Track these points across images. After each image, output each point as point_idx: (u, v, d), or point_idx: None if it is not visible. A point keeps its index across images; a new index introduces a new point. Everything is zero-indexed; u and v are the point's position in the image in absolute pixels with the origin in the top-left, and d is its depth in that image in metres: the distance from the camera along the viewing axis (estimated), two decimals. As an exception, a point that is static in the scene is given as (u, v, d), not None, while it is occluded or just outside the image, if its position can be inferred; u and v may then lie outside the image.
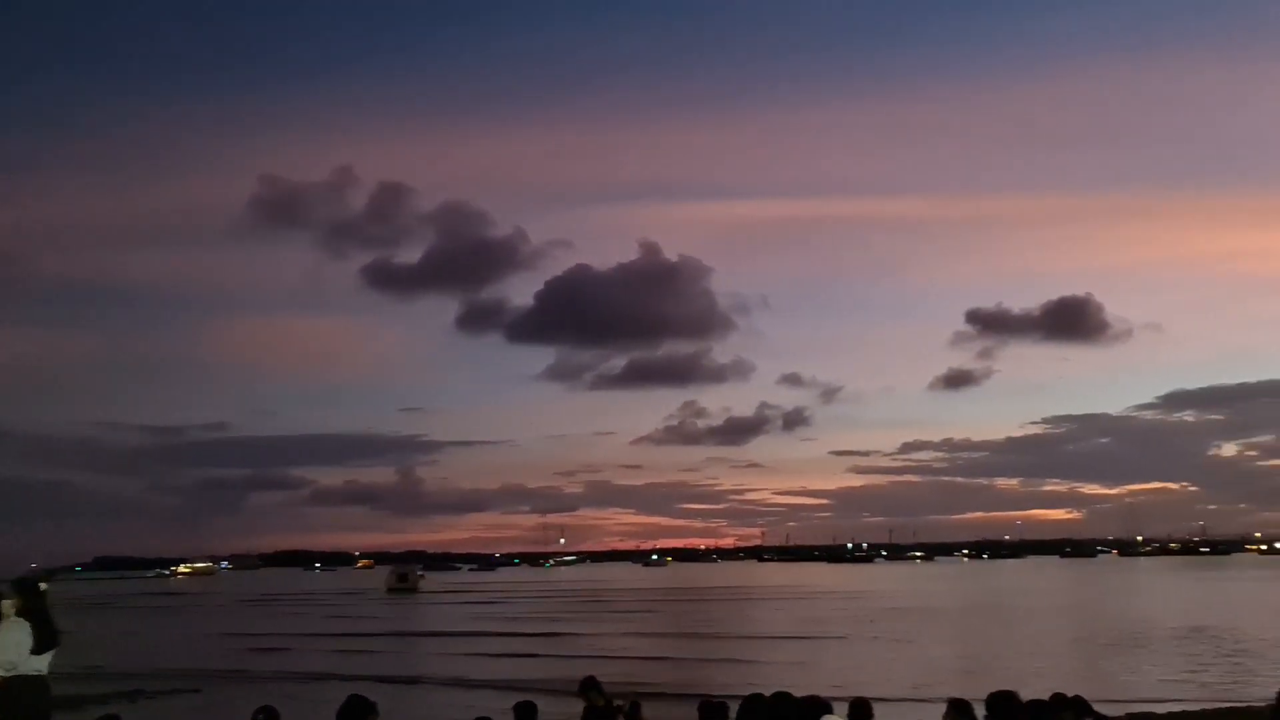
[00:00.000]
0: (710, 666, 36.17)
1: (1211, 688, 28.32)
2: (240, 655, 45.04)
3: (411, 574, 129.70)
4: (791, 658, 38.44)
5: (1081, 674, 31.24)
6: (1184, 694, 26.87)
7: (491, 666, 38.36)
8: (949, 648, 42.21)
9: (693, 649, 43.95)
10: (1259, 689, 25.90)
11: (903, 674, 32.30)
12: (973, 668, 32.95)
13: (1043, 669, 31.77)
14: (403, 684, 32.51)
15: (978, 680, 26.38)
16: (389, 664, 40.20)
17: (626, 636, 50.99)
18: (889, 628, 53.10)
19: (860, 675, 30.71)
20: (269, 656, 44.55)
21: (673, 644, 46.38)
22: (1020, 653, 38.97)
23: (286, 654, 45.79)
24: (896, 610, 68.29)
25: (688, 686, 25.66)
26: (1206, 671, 32.46)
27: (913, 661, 36.51)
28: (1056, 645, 42.48)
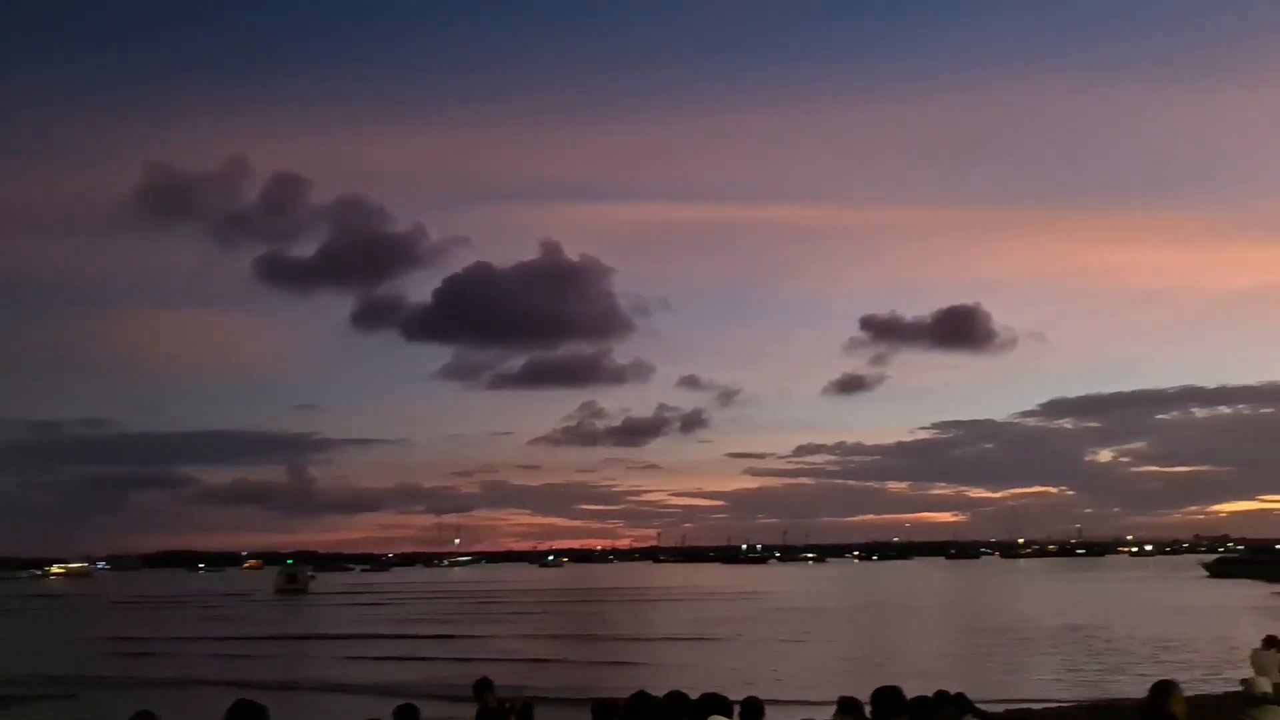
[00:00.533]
0: (604, 669, 35.96)
1: (1085, 685, 29.35)
2: (115, 660, 43.06)
3: (301, 575, 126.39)
4: (684, 659, 38.52)
5: (964, 672, 32.03)
6: (1060, 691, 27.80)
7: (380, 670, 37.45)
8: (839, 647, 42.96)
9: (587, 651, 43.66)
10: (1129, 686, 26.95)
11: (794, 674, 32.68)
12: (862, 667, 33.50)
13: (927, 667, 32.49)
14: (283, 690, 31.36)
15: (867, 679, 26.68)
16: (272, 668, 38.78)
17: (520, 638, 50.49)
18: (781, 628, 53.78)
19: (752, 675, 30.91)
20: (145, 661, 42.68)
21: (567, 646, 46.05)
22: (906, 651, 39.88)
23: (164, 659, 43.89)
24: (789, 610, 69.30)
25: (581, 690, 25.42)
26: (1081, 669, 33.66)
27: (804, 661, 37.01)
28: (941, 644, 43.60)
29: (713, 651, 41.56)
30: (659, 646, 44.71)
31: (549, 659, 39.32)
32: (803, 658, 38.56)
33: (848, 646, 43.45)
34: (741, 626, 55.18)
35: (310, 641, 52.61)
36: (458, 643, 48.28)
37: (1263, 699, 10.17)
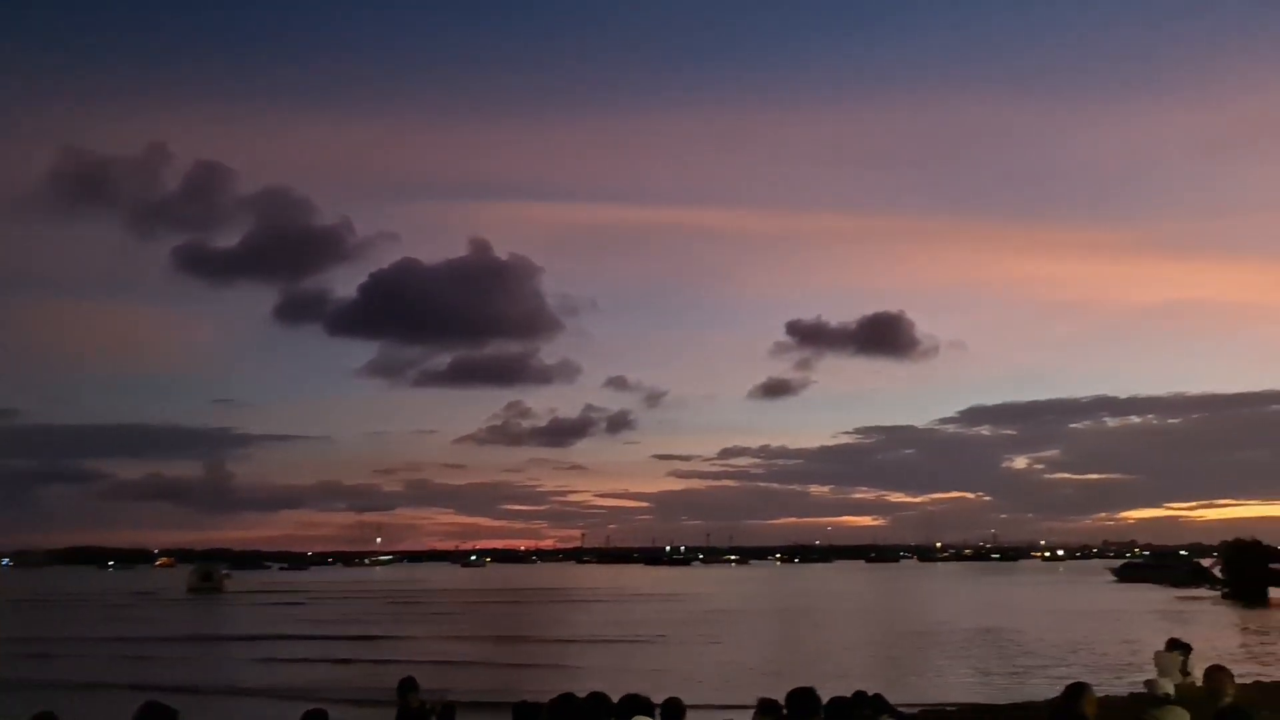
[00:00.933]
0: (525, 671, 35.63)
1: (998, 686, 29.95)
2: (9, 661, 41.29)
3: (216, 573, 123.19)
4: (606, 661, 38.42)
5: (882, 673, 32.49)
6: (974, 692, 28.31)
7: (295, 673, 36.47)
8: (760, 648, 43.25)
9: (508, 653, 43.33)
10: (1040, 687, 27.61)
11: (715, 675, 32.79)
12: (781, 668, 33.76)
13: (846, 668, 32.90)
14: (190, 694, 30.30)
15: (787, 680, 26.91)
16: (179, 671, 37.47)
17: (441, 640, 49.76)
18: (703, 630, 54.01)
19: (673, 677, 30.95)
20: (43, 663, 40.99)
21: (488, 648, 45.57)
22: (826, 653, 40.30)
23: (63, 660, 42.23)
24: (710, 612, 69.66)
25: (501, 693, 25.10)
26: (994, 671, 34.37)
27: (725, 663, 37.13)
28: (859, 646, 44.18)
29: (634, 653, 41.52)
30: (581, 649, 44.56)
31: (470, 661, 38.84)
32: (724, 659, 38.69)
33: (768, 648, 43.79)
34: (664, 628, 55.25)
35: (222, 643, 51.08)
36: (376, 644, 47.40)
37: (1165, 699, 10.45)
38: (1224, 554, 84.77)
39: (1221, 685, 9.75)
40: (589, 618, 66.84)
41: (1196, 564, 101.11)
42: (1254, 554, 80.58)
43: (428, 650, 43.34)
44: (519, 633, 54.73)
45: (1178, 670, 18.81)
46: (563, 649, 44.51)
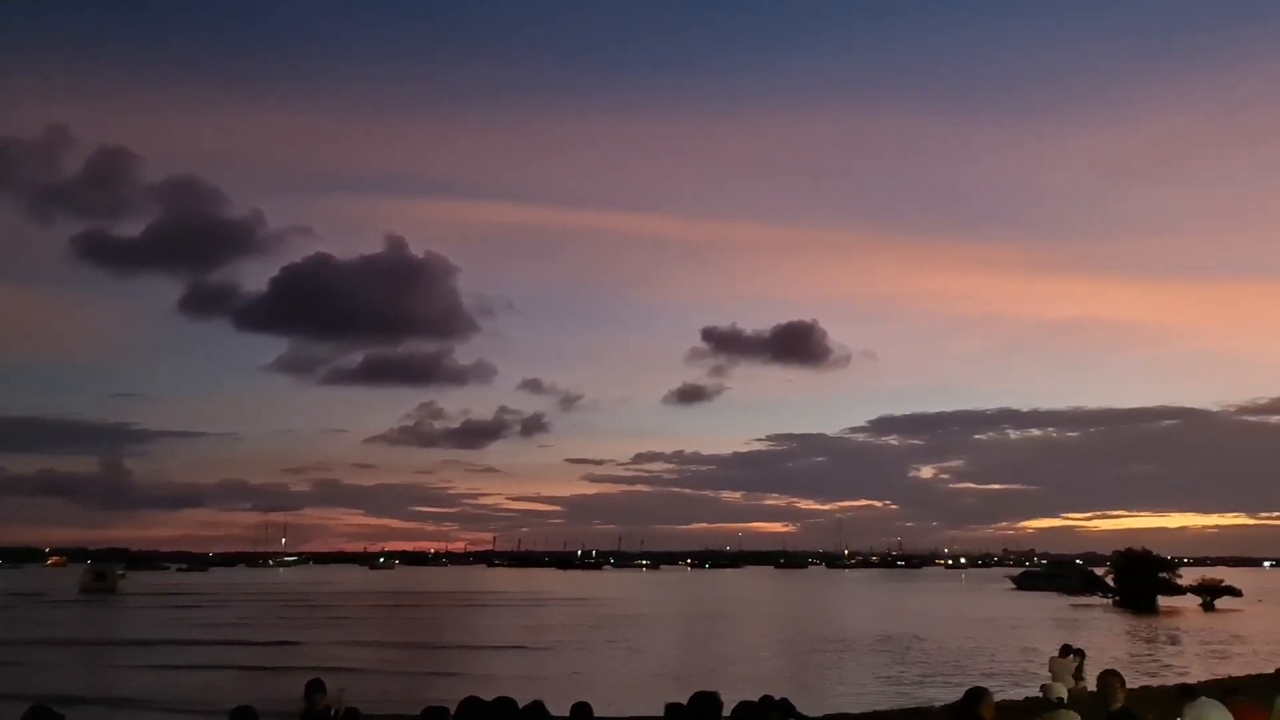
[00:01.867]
0: (432, 680, 34.92)
1: (902, 691, 30.54)
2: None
3: (110, 573, 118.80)
4: (512, 666, 38.13)
5: (789, 677, 32.88)
6: (878, 696, 28.82)
7: (188, 680, 35.17)
8: (669, 654, 43.41)
9: (413, 660, 42.47)
10: (941, 692, 28.24)
11: (622, 680, 32.78)
12: (690, 673, 33.93)
13: (754, 673, 33.21)
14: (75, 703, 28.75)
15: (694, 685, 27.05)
16: (65, 678, 35.77)
17: (344, 645, 48.20)
18: (611, 634, 53.97)
19: (580, 682, 30.87)
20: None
21: (394, 655, 44.42)
22: (735, 658, 40.67)
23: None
24: (620, 617, 69.67)
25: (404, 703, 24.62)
26: (897, 675, 35.05)
27: (633, 668, 37.17)
28: (768, 651, 44.66)
29: (544, 659, 41.24)
30: (489, 655, 44.03)
31: (374, 669, 37.78)
32: (631, 664, 38.73)
33: (677, 653, 43.97)
34: (573, 633, 55.09)
35: (113, 648, 48.50)
36: (276, 651, 45.51)
37: (1059, 704, 10.75)
38: (1116, 564, 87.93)
39: (1112, 690, 10.08)
40: (498, 622, 66.22)
41: (1090, 573, 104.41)
42: (1144, 564, 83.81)
43: (330, 656, 41.85)
44: (426, 638, 53.77)
45: (1071, 675, 19.43)
46: (471, 655, 43.90)
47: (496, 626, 61.72)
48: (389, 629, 60.68)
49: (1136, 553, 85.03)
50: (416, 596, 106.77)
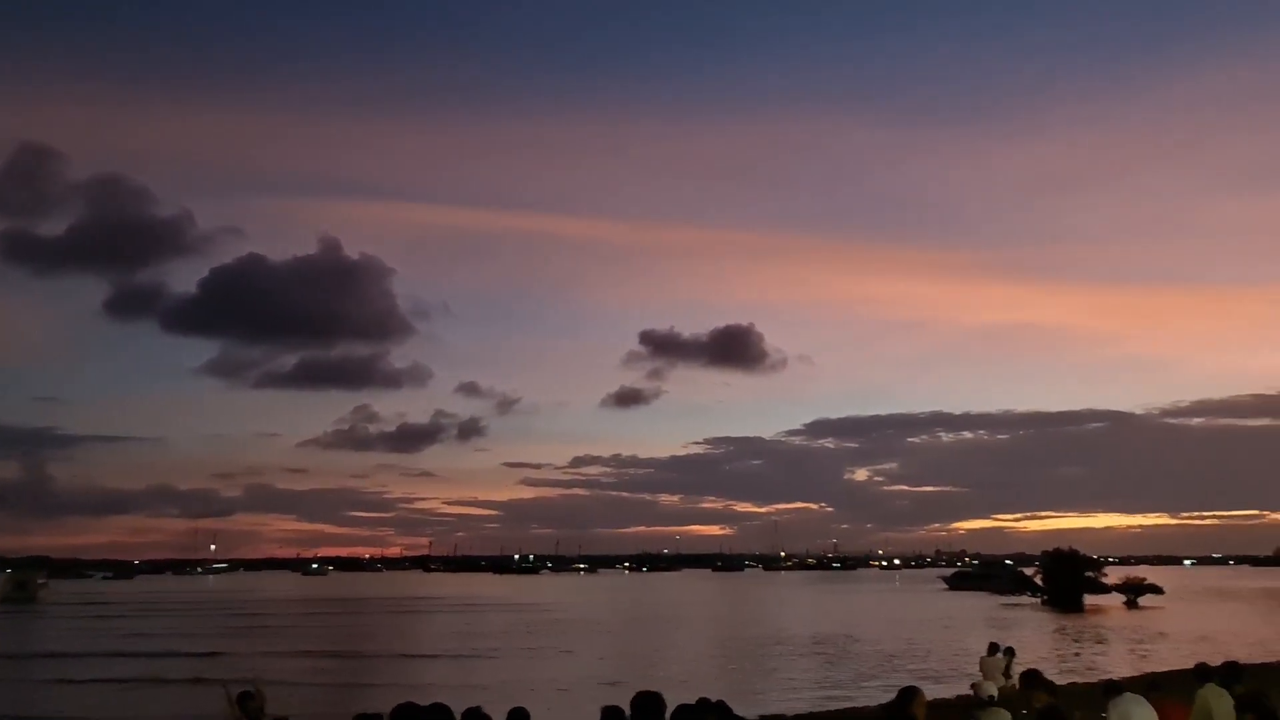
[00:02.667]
0: (364, 691, 34.22)
1: (836, 692, 30.83)
2: None
3: (31, 582, 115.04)
4: (451, 675, 37.62)
5: (725, 679, 33.01)
6: (814, 698, 29.07)
7: (108, 696, 33.73)
8: (607, 657, 43.29)
9: (347, 670, 41.49)
10: (875, 692, 28.57)
11: (560, 684, 32.63)
12: (628, 676, 33.87)
13: (692, 676, 33.25)
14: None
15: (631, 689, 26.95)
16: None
17: (275, 656, 46.45)
18: (549, 639, 53.72)
19: (519, 689, 30.64)
20: None
21: (325, 664, 43.05)
22: (672, 660, 40.69)
23: None
24: (557, 621, 69.41)
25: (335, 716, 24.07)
26: (832, 676, 35.38)
27: (570, 671, 37.00)
28: (705, 654, 44.80)
29: (480, 666, 40.87)
30: (424, 663, 43.27)
31: (303, 679, 36.66)
32: (569, 669, 38.57)
33: (615, 657, 43.86)
34: (509, 638, 54.69)
35: (30, 661, 46.27)
36: (202, 662, 43.62)
37: (989, 701, 10.92)
38: (1044, 564, 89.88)
39: (1037, 688, 10.29)
40: (434, 629, 65.44)
41: (1020, 573, 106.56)
42: (1071, 564, 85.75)
43: (259, 667, 40.44)
44: (359, 646, 52.71)
45: (1001, 673, 19.78)
46: (405, 663, 43.09)
47: (432, 633, 61.02)
48: (321, 637, 59.30)
49: (1064, 553, 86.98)
50: (350, 603, 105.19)
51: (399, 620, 76.09)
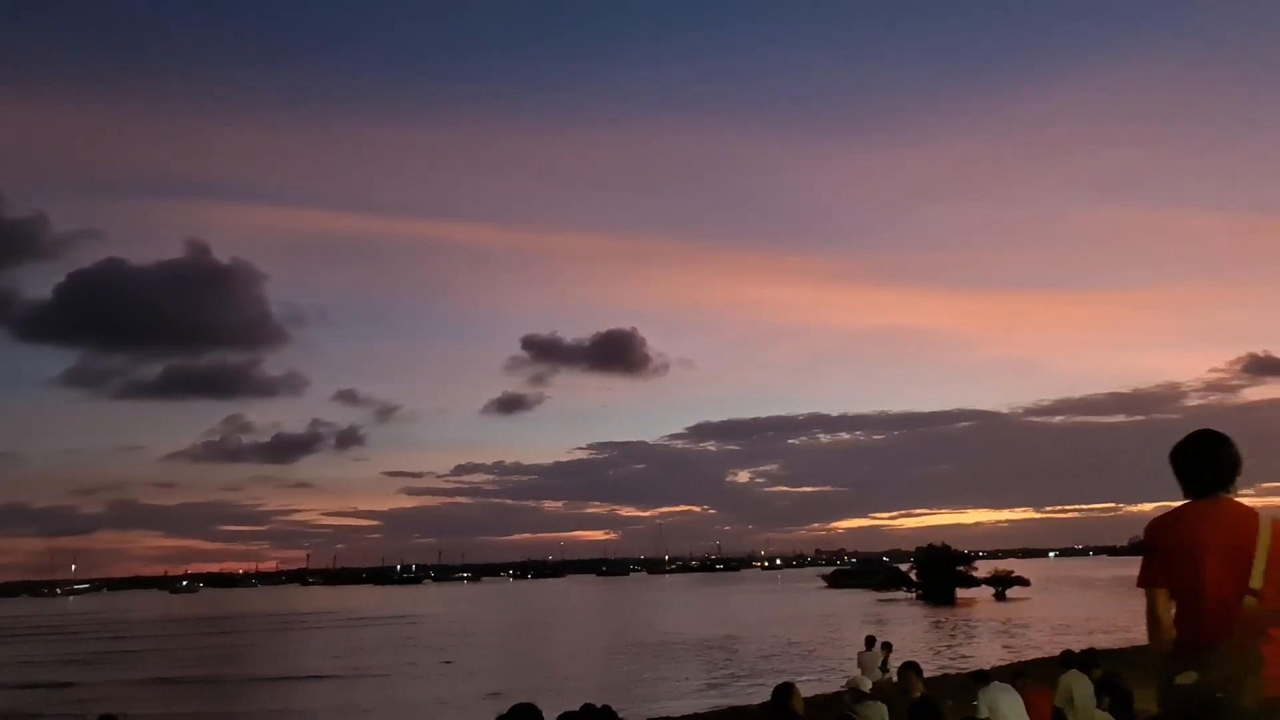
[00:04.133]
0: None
1: (719, 692, 31.15)
2: None
3: None
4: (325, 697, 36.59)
5: (610, 684, 32.98)
6: (698, 699, 29.30)
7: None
8: (491, 669, 42.74)
9: (213, 696, 39.21)
10: (757, 691, 28.96)
11: (443, 698, 32.11)
12: (512, 686, 33.52)
13: (577, 682, 33.13)
14: None
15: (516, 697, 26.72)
16: None
17: (134, 685, 43.12)
18: (432, 653, 52.71)
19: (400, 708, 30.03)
20: None
21: (189, 692, 40.38)
22: (557, 668, 40.45)
23: None
24: (441, 633, 68.23)
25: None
26: (716, 677, 35.76)
27: (455, 686, 36.44)
28: (590, 659, 44.71)
29: (357, 684, 39.75)
30: (300, 686, 41.58)
31: (163, 712, 34.49)
32: (451, 683, 37.97)
33: (499, 667, 43.41)
34: (389, 654, 53.43)
35: None
36: (51, 694, 40.30)
37: (865, 695, 11.21)
38: (918, 559, 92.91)
39: (911, 680, 10.60)
40: (311, 647, 63.21)
41: (896, 569, 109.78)
42: (943, 559, 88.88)
43: (116, 699, 37.57)
44: (228, 670, 49.50)
45: (878, 667, 20.31)
46: (278, 687, 40.97)
47: (308, 651, 58.83)
48: (188, 660, 55.91)
49: (936, 548, 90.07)
50: (222, 622, 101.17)
51: (274, 639, 73.35)
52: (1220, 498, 3.94)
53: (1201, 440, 4.02)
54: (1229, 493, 3.96)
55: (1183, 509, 3.98)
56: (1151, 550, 4.00)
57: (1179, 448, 4.05)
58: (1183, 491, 4.03)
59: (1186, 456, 4.02)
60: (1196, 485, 3.97)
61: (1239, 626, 3.68)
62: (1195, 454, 4.00)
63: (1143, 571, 4.00)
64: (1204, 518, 3.88)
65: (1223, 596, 3.74)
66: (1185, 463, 4.01)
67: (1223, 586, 3.75)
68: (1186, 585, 3.85)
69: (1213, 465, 3.96)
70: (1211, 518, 3.87)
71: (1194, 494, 3.98)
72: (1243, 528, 3.81)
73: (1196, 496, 3.96)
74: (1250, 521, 3.81)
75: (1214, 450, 3.98)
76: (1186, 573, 3.85)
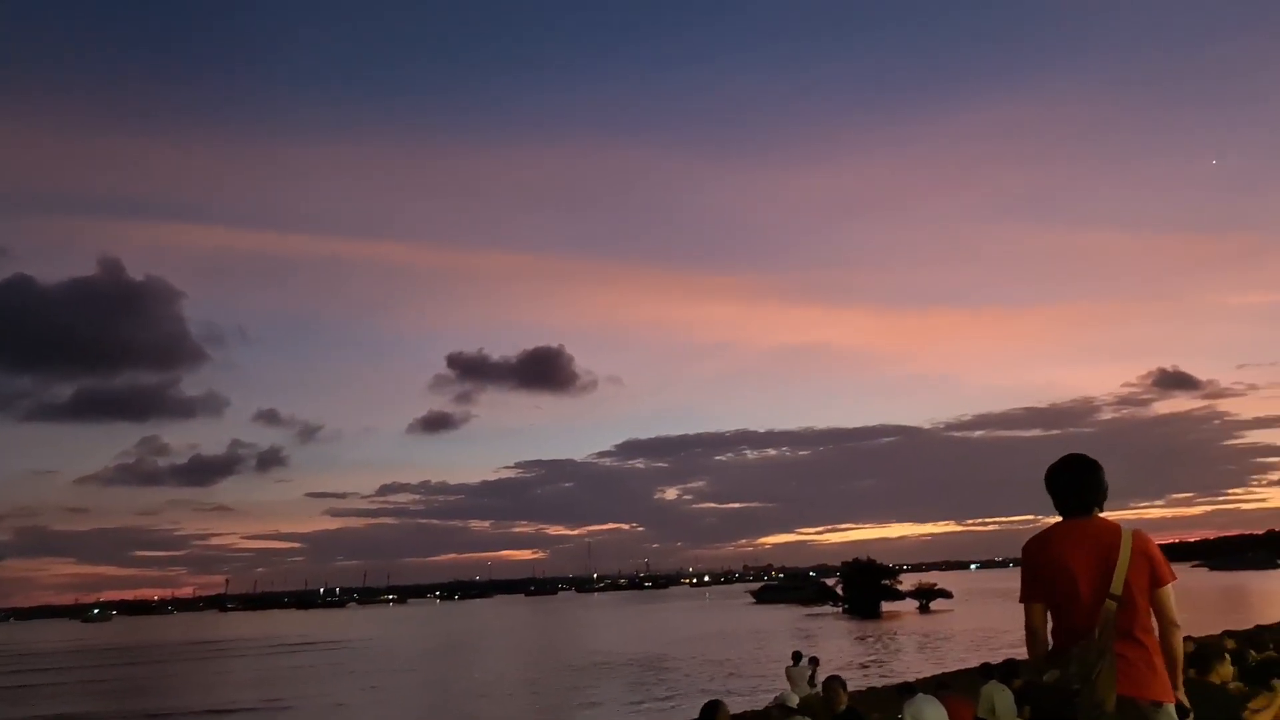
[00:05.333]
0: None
1: (648, 711, 30.96)
2: None
3: None
4: None
5: (539, 706, 32.59)
6: (626, 717, 29.08)
7: None
8: (415, 694, 41.99)
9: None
10: (686, 709, 28.83)
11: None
12: (438, 714, 32.97)
13: (503, 705, 32.66)
14: None
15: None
16: None
17: None
18: (354, 679, 51.61)
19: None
20: None
21: None
22: (483, 691, 39.86)
23: None
24: (364, 657, 66.89)
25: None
26: (644, 696, 35.53)
27: (376, 714, 35.69)
28: (517, 681, 44.12)
29: (276, 716, 38.68)
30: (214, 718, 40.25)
31: None
32: (375, 711, 37.17)
33: (423, 692, 42.63)
34: (310, 682, 52.11)
35: None
36: None
37: (793, 711, 11.17)
38: (844, 574, 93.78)
39: (836, 694, 10.58)
40: (228, 676, 61.35)
41: (822, 584, 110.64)
42: (868, 572, 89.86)
43: None
44: (140, 704, 47.14)
45: (805, 682, 20.35)
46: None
47: (226, 681, 56.96)
48: (96, 694, 53.30)
49: (862, 562, 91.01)
50: (135, 651, 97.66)
51: (189, 668, 70.95)
52: (1092, 515, 4.27)
53: (1070, 464, 4.36)
54: (1097, 511, 4.29)
55: (1053, 527, 4.31)
56: (1027, 567, 4.33)
57: (1050, 471, 4.40)
58: (1056, 511, 4.35)
59: (1057, 479, 4.35)
60: (1066, 506, 4.30)
61: (1098, 627, 4.01)
62: (1064, 477, 4.33)
63: (1021, 588, 4.35)
64: (1071, 534, 4.21)
65: (1089, 604, 4.07)
66: (1055, 485, 4.35)
67: (1088, 595, 4.07)
68: (1058, 597, 4.19)
69: (1080, 488, 4.29)
70: (1079, 534, 4.20)
71: (1064, 513, 4.31)
72: (1106, 541, 4.13)
73: (1066, 516, 4.30)
74: (1113, 535, 4.14)
75: (1081, 474, 4.32)
76: (1058, 586, 4.17)
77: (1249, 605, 65.43)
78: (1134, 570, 4.04)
